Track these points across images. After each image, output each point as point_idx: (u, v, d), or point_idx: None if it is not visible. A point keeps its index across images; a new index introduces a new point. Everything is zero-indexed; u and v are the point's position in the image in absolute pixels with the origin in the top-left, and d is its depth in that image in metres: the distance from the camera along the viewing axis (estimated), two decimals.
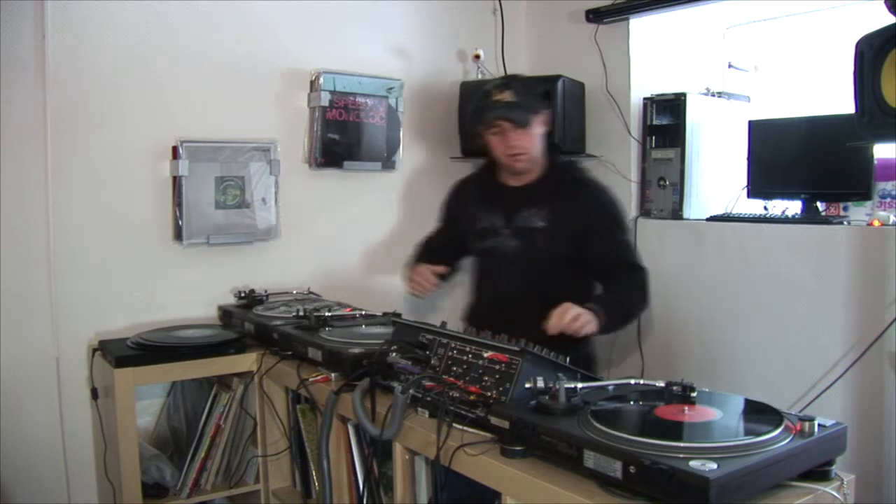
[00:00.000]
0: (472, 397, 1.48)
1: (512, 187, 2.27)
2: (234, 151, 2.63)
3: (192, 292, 2.61)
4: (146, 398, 2.51)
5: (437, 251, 2.44)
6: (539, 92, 2.24)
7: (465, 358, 1.56)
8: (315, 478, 2.17)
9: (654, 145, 2.90)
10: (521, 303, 2.17)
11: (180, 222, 2.53)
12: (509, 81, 2.22)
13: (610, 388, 1.43)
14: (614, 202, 2.25)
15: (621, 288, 2.13)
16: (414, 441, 1.53)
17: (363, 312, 2.32)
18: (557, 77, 2.83)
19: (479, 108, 2.21)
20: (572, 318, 1.85)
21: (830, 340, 2.36)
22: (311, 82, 2.79)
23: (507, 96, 2.14)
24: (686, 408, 1.32)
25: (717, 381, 2.58)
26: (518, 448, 1.32)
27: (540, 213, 2.19)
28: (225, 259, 2.66)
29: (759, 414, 1.30)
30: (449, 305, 2.98)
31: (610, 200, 2.24)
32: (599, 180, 2.34)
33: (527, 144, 2.16)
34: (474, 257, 2.37)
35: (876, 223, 2.33)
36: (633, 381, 1.44)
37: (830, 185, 2.52)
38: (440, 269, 2.26)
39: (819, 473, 1.20)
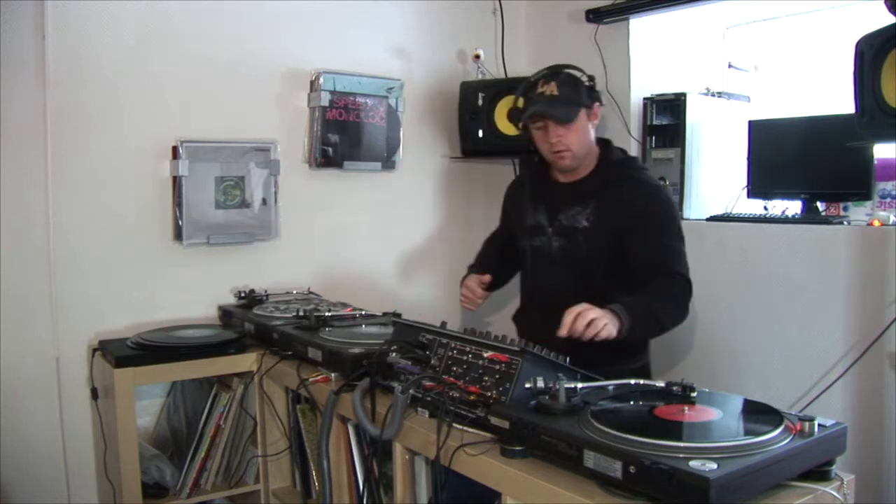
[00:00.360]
0: (472, 397, 1.48)
1: (561, 184, 2.17)
2: (234, 151, 2.63)
3: (192, 292, 2.61)
4: (146, 398, 2.51)
5: (493, 253, 2.42)
6: (590, 84, 2.09)
7: (465, 358, 1.56)
8: (315, 478, 2.17)
9: (654, 145, 2.90)
10: (565, 307, 2.04)
11: (180, 222, 2.53)
12: (555, 72, 2.08)
13: (610, 388, 1.43)
14: (663, 202, 2.06)
15: (653, 293, 1.93)
16: (414, 441, 1.53)
17: (363, 312, 2.32)
18: None
19: (523, 101, 2.10)
20: (585, 323, 1.72)
21: (830, 340, 2.36)
22: (311, 82, 2.79)
23: (551, 89, 2.03)
24: (686, 408, 1.32)
25: (717, 381, 2.58)
26: (518, 448, 1.32)
27: (584, 211, 2.08)
28: (225, 259, 2.66)
29: (759, 414, 1.30)
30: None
31: (658, 199, 2.06)
32: (654, 178, 2.18)
33: (571, 141, 2.04)
34: (522, 256, 2.26)
35: (876, 223, 2.33)
36: (633, 381, 1.44)
37: (830, 185, 2.52)
38: (486, 278, 2.20)
39: (819, 473, 1.20)
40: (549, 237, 2.15)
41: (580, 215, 2.09)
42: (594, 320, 1.73)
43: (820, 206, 2.56)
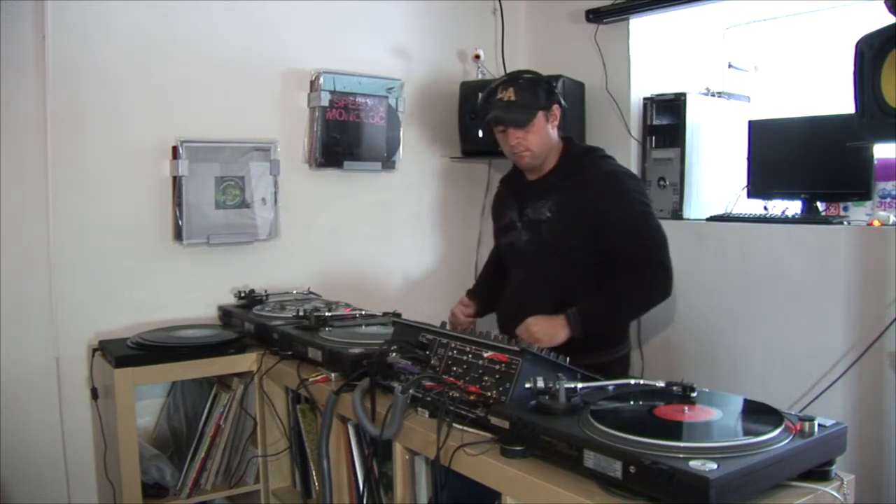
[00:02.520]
0: (472, 397, 1.48)
1: (529, 182, 2.27)
2: (234, 151, 2.63)
3: (192, 292, 2.61)
4: (146, 398, 2.51)
5: (486, 276, 2.53)
6: (547, 87, 2.17)
7: (465, 358, 1.56)
8: (315, 478, 2.17)
9: (654, 145, 2.90)
10: (533, 298, 2.18)
11: (180, 222, 2.53)
12: (513, 79, 2.19)
13: (610, 388, 1.43)
14: (625, 186, 2.13)
15: (616, 287, 2.07)
16: (414, 441, 1.53)
17: (363, 312, 2.32)
18: (557, 77, 2.83)
19: (482, 107, 2.22)
20: (531, 339, 1.89)
21: (830, 340, 2.35)
22: (311, 82, 2.79)
23: (508, 94, 2.13)
24: (686, 408, 1.32)
25: (717, 381, 2.58)
26: (518, 448, 1.32)
27: (547, 203, 2.17)
28: (225, 259, 2.66)
29: (759, 414, 1.30)
30: None
31: (620, 185, 2.13)
32: (615, 164, 2.23)
33: (530, 142, 2.14)
34: (500, 254, 2.40)
35: (876, 223, 2.33)
36: (633, 381, 1.44)
37: (830, 185, 2.52)
38: (469, 311, 2.34)
39: (819, 473, 1.20)
40: (518, 231, 2.25)
41: (544, 207, 2.18)
42: (536, 337, 1.94)
43: (820, 206, 2.56)
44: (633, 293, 2.09)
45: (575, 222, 2.12)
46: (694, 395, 1.36)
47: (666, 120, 2.88)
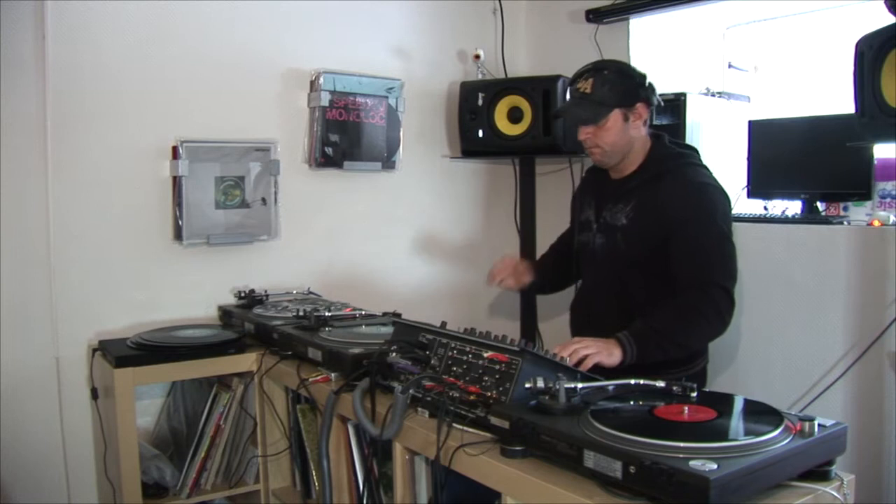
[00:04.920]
0: (472, 397, 1.48)
1: (611, 181, 2.13)
2: (234, 151, 2.63)
3: (192, 292, 2.61)
4: (146, 398, 2.51)
5: (550, 259, 2.44)
6: (634, 83, 2.02)
7: (465, 358, 1.56)
8: (315, 478, 2.17)
9: None
10: (604, 307, 2.09)
11: (180, 222, 2.53)
12: (598, 69, 2.04)
13: (610, 388, 1.43)
14: (701, 201, 1.95)
15: (676, 311, 1.88)
16: (414, 441, 1.53)
17: (363, 312, 2.32)
18: (557, 77, 2.83)
19: (566, 91, 2.12)
20: (576, 360, 1.68)
21: (830, 340, 2.36)
22: (311, 82, 2.79)
23: (585, 86, 2.00)
24: (686, 408, 1.32)
25: (718, 381, 2.58)
26: (518, 448, 1.32)
27: (625, 209, 2.03)
28: (225, 259, 2.66)
29: (759, 414, 1.30)
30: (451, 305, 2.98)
31: (696, 198, 1.95)
32: (703, 174, 2.04)
33: (600, 140, 2.02)
34: (575, 251, 2.26)
35: (876, 223, 2.33)
36: (633, 382, 1.44)
37: (830, 185, 2.52)
38: (524, 278, 2.27)
39: (819, 473, 1.20)
40: (593, 233, 2.14)
41: (621, 213, 2.06)
42: (587, 356, 1.73)
43: (820, 206, 2.56)
44: (693, 321, 1.89)
45: (651, 232, 1.97)
46: (694, 395, 1.36)
47: (666, 120, 2.87)
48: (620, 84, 2.02)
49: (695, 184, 1.99)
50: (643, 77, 2.07)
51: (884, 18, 1.74)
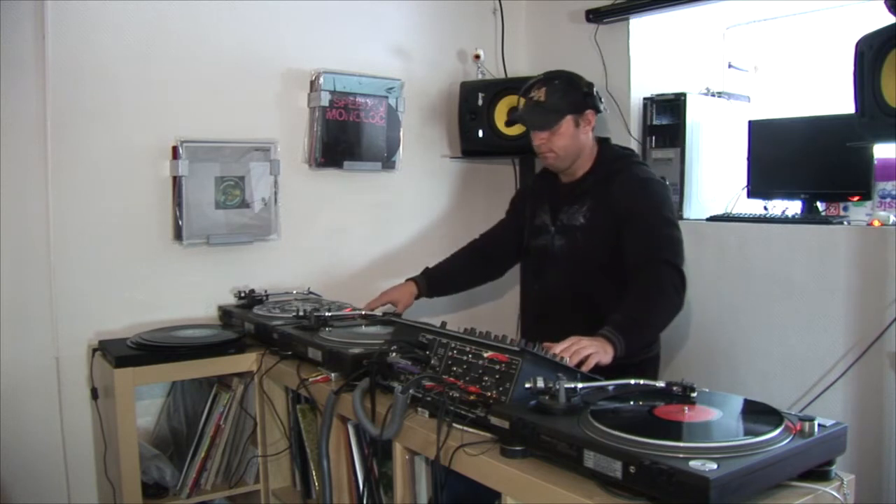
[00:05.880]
0: (472, 397, 1.48)
1: (563, 184, 2.25)
2: (234, 151, 2.63)
3: (192, 292, 2.61)
4: (146, 398, 2.51)
5: (465, 257, 2.50)
6: (582, 91, 2.15)
7: (465, 358, 1.56)
8: (315, 478, 2.17)
9: (654, 145, 2.90)
10: (565, 306, 2.16)
11: (180, 222, 2.53)
12: (549, 79, 2.17)
13: (610, 388, 1.43)
14: (651, 192, 2.10)
15: (641, 296, 1.95)
16: (414, 441, 1.53)
17: (363, 312, 2.32)
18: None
19: (520, 100, 2.21)
20: (578, 360, 1.69)
21: (830, 340, 2.36)
22: (311, 82, 2.79)
23: (539, 94, 2.12)
24: (686, 408, 1.32)
25: (717, 380, 2.58)
26: (518, 448, 1.32)
27: (581, 209, 2.15)
28: (225, 259, 2.66)
29: (759, 414, 1.30)
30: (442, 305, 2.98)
31: (645, 189, 2.10)
32: (647, 171, 2.19)
33: (553, 145, 2.13)
34: (527, 255, 2.37)
35: (876, 223, 2.33)
36: (633, 382, 1.44)
37: (830, 185, 2.52)
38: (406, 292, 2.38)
39: (819, 473, 1.20)
40: (551, 235, 2.22)
41: (578, 213, 2.17)
42: (586, 358, 1.71)
43: (820, 206, 2.56)
44: (656, 300, 1.96)
45: (607, 227, 2.10)
46: (694, 395, 1.36)
47: (666, 120, 2.88)
48: (571, 93, 2.15)
49: (641, 180, 2.13)
50: (591, 86, 2.20)
51: (884, 18, 1.74)
